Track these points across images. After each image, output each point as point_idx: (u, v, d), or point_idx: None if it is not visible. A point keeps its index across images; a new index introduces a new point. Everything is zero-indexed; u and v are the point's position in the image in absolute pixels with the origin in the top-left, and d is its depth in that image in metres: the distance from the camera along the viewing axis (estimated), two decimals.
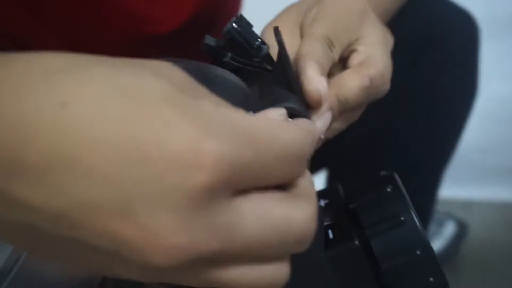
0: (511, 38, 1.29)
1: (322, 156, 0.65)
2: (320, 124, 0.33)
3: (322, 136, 0.33)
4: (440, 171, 0.73)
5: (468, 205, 1.33)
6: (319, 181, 0.82)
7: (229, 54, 0.32)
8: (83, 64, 0.20)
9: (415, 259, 0.32)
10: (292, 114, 0.29)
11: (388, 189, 0.34)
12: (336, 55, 0.36)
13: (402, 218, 0.32)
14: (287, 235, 0.22)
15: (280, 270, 0.23)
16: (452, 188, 1.24)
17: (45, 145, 0.18)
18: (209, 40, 0.31)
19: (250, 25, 0.31)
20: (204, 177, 0.18)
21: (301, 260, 0.32)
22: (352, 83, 0.35)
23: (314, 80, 0.32)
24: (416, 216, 0.33)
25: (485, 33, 0.68)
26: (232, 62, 0.32)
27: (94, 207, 0.18)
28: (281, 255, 0.23)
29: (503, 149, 1.37)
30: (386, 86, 0.37)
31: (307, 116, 0.30)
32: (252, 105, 0.30)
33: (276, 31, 0.32)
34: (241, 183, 0.20)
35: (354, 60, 0.37)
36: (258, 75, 0.36)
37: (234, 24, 0.30)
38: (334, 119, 0.34)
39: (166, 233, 0.19)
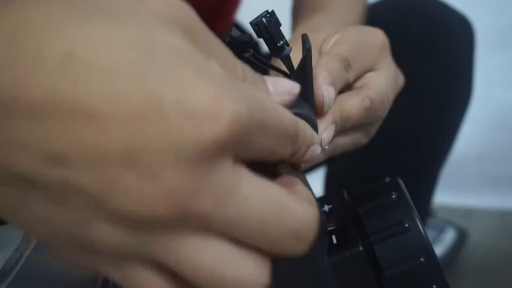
0: (511, 48, 1.29)
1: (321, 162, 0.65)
2: (325, 135, 0.34)
3: (327, 147, 0.34)
4: (436, 172, 0.73)
5: (468, 212, 1.33)
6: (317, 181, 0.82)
7: (251, 51, 0.32)
8: (87, 13, 0.19)
9: (419, 266, 0.32)
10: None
11: (393, 196, 0.34)
12: (350, 77, 0.37)
13: (406, 225, 0.32)
14: (283, 222, 0.21)
15: (259, 269, 0.21)
16: (453, 196, 1.25)
17: (48, 88, 0.18)
18: (235, 32, 0.31)
19: (279, 23, 0.31)
20: (220, 131, 0.18)
21: (304, 265, 0.32)
22: (354, 102, 0.36)
23: (322, 87, 0.33)
24: (420, 223, 0.32)
25: (487, 42, 0.69)
26: (252, 59, 0.32)
27: (96, 150, 0.18)
28: (268, 248, 0.21)
29: (503, 157, 1.37)
30: (383, 112, 0.39)
31: (316, 125, 0.30)
32: None
33: (305, 38, 0.32)
34: (248, 148, 0.20)
35: (358, 83, 0.38)
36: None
37: (263, 19, 0.30)
38: (335, 134, 0.35)
39: (168, 183, 0.18)
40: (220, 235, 0.20)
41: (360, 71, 0.38)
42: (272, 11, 0.31)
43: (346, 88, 0.38)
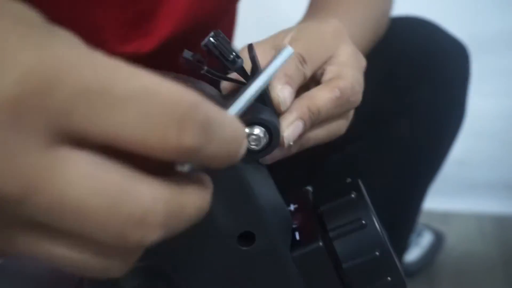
0: (490, 56, 1.32)
1: (306, 174, 0.67)
2: (288, 132, 0.35)
3: (291, 143, 0.35)
4: (425, 190, 0.74)
5: (446, 217, 1.35)
6: None
7: (205, 68, 0.34)
8: None
9: (374, 260, 0.34)
10: (262, 125, 0.32)
11: (352, 195, 0.36)
12: (308, 71, 0.38)
13: (363, 222, 0.35)
14: (120, 208, 0.19)
15: (93, 260, 0.20)
16: (431, 200, 1.26)
17: None
18: (187, 54, 0.34)
19: (226, 40, 0.33)
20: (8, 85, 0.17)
21: (267, 260, 0.34)
22: (323, 94, 0.37)
23: (276, 88, 0.35)
24: (377, 220, 0.35)
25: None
26: (208, 74, 0.34)
27: None
28: (104, 237, 0.19)
29: (481, 163, 1.40)
30: (357, 97, 0.40)
31: (278, 127, 0.32)
32: None
33: (250, 47, 0.34)
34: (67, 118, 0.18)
35: (326, 76, 0.40)
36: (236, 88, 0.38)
37: (211, 38, 0.33)
38: (306, 128, 0.37)
39: None
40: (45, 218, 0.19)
41: (318, 63, 0.39)
42: (218, 31, 0.33)
43: (312, 83, 0.40)
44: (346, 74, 0.39)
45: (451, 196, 1.38)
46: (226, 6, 0.63)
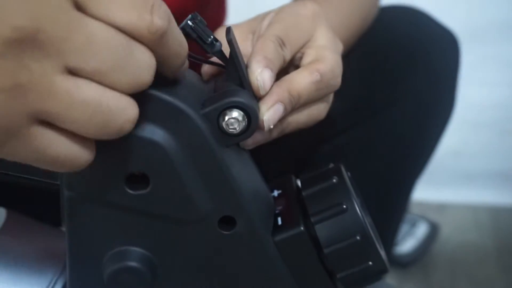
0: (485, 46, 1.32)
1: (295, 166, 0.66)
2: (268, 115, 0.35)
3: (271, 126, 0.35)
4: (417, 178, 0.74)
5: (441, 207, 1.36)
6: None
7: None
8: None
9: (354, 244, 0.34)
10: (240, 108, 0.31)
11: (334, 180, 0.36)
12: (287, 54, 0.38)
13: (344, 206, 0.35)
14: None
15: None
16: (426, 191, 1.27)
17: None
18: None
19: (204, 23, 0.33)
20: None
21: (249, 244, 0.34)
22: (303, 78, 0.37)
23: (256, 72, 0.35)
24: (357, 204, 0.35)
25: (462, 40, 0.70)
26: (189, 58, 0.34)
27: None
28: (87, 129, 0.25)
29: (476, 154, 1.40)
30: (337, 80, 0.40)
31: (256, 110, 0.32)
32: (205, 98, 0.33)
33: (227, 30, 0.34)
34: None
35: (305, 60, 0.40)
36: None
37: (189, 21, 0.33)
38: (286, 112, 0.37)
39: None
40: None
41: (297, 46, 0.40)
42: (196, 13, 0.33)
43: (291, 66, 0.40)
44: (326, 57, 0.39)
45: (446, 187, 1.39)
46: None
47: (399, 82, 0.64)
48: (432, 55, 0.64)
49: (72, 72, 0.24)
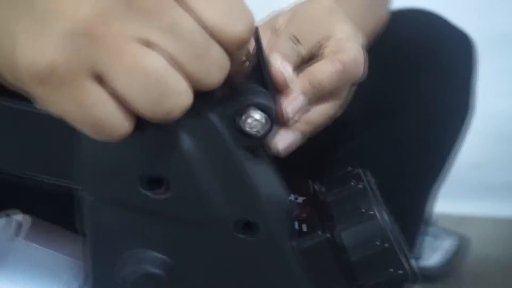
0: (506, 55, 1.30)
1: (315, 169, 0.66)
2: (291, 107, 0.35)
3: (296, 118, 0.35)
4: (432, 187, 0.72)
5: (467, 220, 1.34)
6: None
7: None
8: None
9: (377, 251, 0.33)
10: (261, 109, 0.31)
11: (355, 184, 0.35)
12: (301, 50, 0.38)
13: (368, 212, 0.34)
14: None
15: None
16: (452, 204, 1.25)
17: None
18: None
19: None
20: None
21: (267, 249, 0.33)
22: (324, 68, 0.37)
23: (276, 65, 0.35)
24: (379, 210, 0.34)
25: (481, 50, 0.69)
26: None
27: None
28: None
29: (498, 165, 1.38)
30: (360, 70, 0.39)
31: (272, 113, 0.32)
32: (219, 99, 0.32)
33: (255, 29, 0.34)
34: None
35: (326, 51, 0.39)
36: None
37: None
38: (310, 102, 0.37)
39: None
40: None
41: (313, 41, 0.39)
42: None
43: (313, 63, 0.39)
44: (347, 47, 0.39)
45: (467, 199, 1.36)
46: None
47: (410, 84, 0.63)
48: (444, 56, 0.63)
49: (148, 44, 0.25)
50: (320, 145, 0.66)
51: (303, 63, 0.39)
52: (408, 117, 0.64)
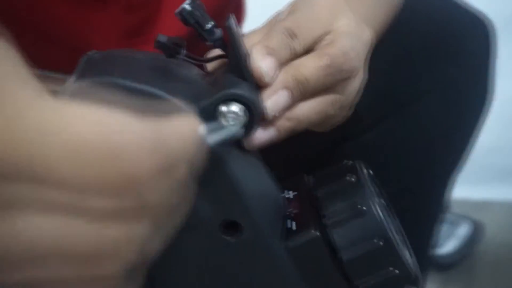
0: None
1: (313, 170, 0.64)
2: (270, 102, 0.33)
3: (276, 114, 0.33)
4: (452, 173, 0.70)
5: (481, 205, 1.31)
6: None
7: (184, 51, 0.31)
8: None
9: (375, 250, 0.31)
10: (239, 101, 0.29)
11: (352, 179, 0.33)
12: (297, 45, 0.36)
13: (362, 208, 0.32)
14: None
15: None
16: (466, 189, 1.23)
17: None
18: (161, 37, 0.31)
19: (202, 7, 0.30)
20: None
21: (255, 250, 0.31)
22: (310, 63, 0.35)
23: (256, 60, 0.33)
24: (377, 205, 0.32)
25: (498, 33, 0.66)
26: (186, 58, 0.32)
27: None
28: None
29: None
30: (350, 64, 0.37)
31: (257, 103, 0.30)
32: (203, 93, 0.30)
33: (227, 17, 0.32)
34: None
35: (320, 46, 0.37)
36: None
37: (186, 6, 0.30)
38: (294, 99, 0.34)
39: None
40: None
41: (312, 36, 0.37)
42: None
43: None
44: (339, 41, 0.37)
45: (485, 184, 1.34)
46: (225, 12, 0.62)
47: (426, 72, 0.61)
48: (461, 41, 0.61)
49: None
50: (329, 137, 0.65)
51: (299, 58, 0.37)
52: (424, 106, 0.62)
